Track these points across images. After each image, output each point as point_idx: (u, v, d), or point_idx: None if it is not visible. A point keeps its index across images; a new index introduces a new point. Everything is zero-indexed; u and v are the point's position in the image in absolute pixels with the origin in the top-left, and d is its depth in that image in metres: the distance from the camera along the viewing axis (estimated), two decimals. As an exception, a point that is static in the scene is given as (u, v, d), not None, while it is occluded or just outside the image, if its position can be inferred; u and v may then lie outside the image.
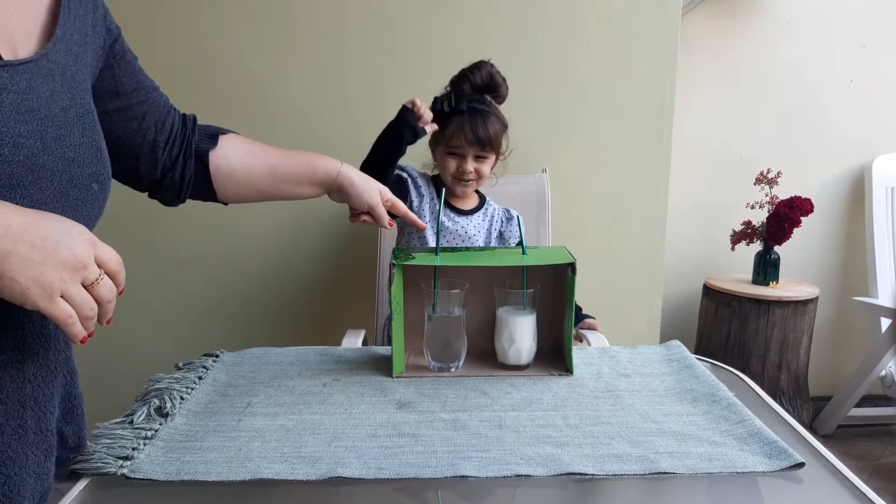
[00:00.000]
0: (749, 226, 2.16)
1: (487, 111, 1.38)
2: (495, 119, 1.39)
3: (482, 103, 1.38)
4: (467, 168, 1.40)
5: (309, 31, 1.76)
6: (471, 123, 1.36)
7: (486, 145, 1.37)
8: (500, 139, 1.41)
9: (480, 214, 1.51)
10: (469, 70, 1.37)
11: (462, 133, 1.36)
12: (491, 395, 0.93)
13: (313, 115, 1.80)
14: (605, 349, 1.14)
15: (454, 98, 1.35)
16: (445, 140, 1.39)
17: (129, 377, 1.74)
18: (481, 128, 1.36)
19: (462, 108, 1.34)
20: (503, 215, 1.54)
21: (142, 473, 0.72)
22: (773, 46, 2.26)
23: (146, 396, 0.90)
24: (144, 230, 1.85)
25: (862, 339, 2.37)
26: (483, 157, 1.41)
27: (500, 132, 1.40)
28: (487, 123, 1.37)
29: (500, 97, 1.40)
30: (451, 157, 1.41)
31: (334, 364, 1.05)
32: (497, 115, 1.40)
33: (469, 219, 1.49)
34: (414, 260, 1.00)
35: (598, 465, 0.73)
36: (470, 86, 1.36)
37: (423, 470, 0.72)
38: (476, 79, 1.35)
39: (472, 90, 1.36)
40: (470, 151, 1.39)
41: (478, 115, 1.36)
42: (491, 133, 1.37)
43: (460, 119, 1.36)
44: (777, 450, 0.75)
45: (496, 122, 1.39)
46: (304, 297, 1.91)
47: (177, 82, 1.78)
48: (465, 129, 1.36)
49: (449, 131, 1.38)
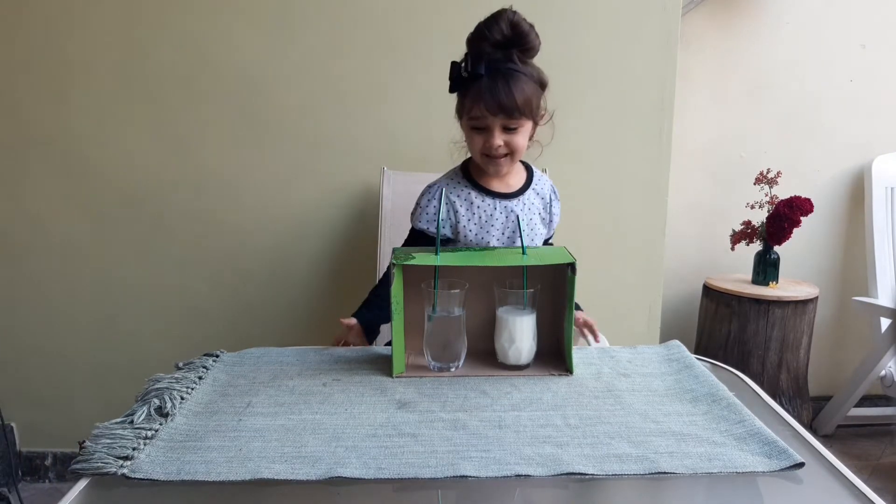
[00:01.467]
0: (749, 226, 2.16)
1: (513, 70, 1.14)
2: (524, 78, 1.15)
3: (508, 61, 1.14)
4: (494, 142, 1.17)
5: (308, 31, 1.76)
6: (491, 88, 1.12)
7: (512, 112, 1.14)
8: (533, 101, 1.17)
9: (532, 192, 1.30)
10: (486, 24, 1.14)
11: (481, 100, 1.13)
12: (491, 395, 0.93)
13: (313, 115, 1.80)
14: (605, 349, 1.14)
15: (471, 61, 1.13)
16: (466, 111, 1.18)
17: (128, 377, 1.75)
18: (504, 92, 1.12)
19: (480, 72, 1.12)
20: (551, 192, 1.35)
21: (142, 473, 0.72)
22: (773, 46, 2.26)
23: (146, 396, 0.90)
24: (145, 230, 1.85)
25: (861, 338, 2.37)
26: (514, 127, 1.17)
27: (531, 93, 1.15)
28: (512, 85, 1.12)
29: (530, 50, 1.16)
30: (475, 131, 1.19)
31: (334, 364, 1.05)
32: (526, 74, 1.16)
33: (518, 200, 1.28)
34: (414, 260, 1.00)
35: (598, 465, 0.73)
36: (489, 43, 1.13)
37: (423, 470, 0.72)
38: (495, 34, 1.12)
39: (494, 48, 1.13)
40: (495, 122, 1.16)
41: (499, 77, 1.13)
42: (517, 96, 1.13)
43: (479, 84, 1.13)
44: (777, 450, 0.75)
45: (525, 82, 1.15)
46: (304, 297, 1.91)
47: (176, 83, 1.79)
48: (484, 96, 1.13)
49: (468, 101, 1.16)
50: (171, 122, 1.80)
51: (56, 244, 1.87)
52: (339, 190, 1.84)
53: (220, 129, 1.81)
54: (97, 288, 1.89)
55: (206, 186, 1.84)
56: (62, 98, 1.79)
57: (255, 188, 1.84)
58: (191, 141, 1.81)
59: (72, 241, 1.87)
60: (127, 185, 1.84)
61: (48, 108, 1.80)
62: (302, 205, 1.85)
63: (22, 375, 1.96)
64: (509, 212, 1.26)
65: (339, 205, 1.85)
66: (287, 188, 1.84)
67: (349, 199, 1.85)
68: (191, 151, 1.82)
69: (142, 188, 1.84)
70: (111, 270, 1.88)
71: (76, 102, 1.79)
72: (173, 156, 1.82)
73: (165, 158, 1.82)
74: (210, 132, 1.81)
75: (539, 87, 1.19)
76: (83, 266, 1.88)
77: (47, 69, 1.77)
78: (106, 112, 1.80)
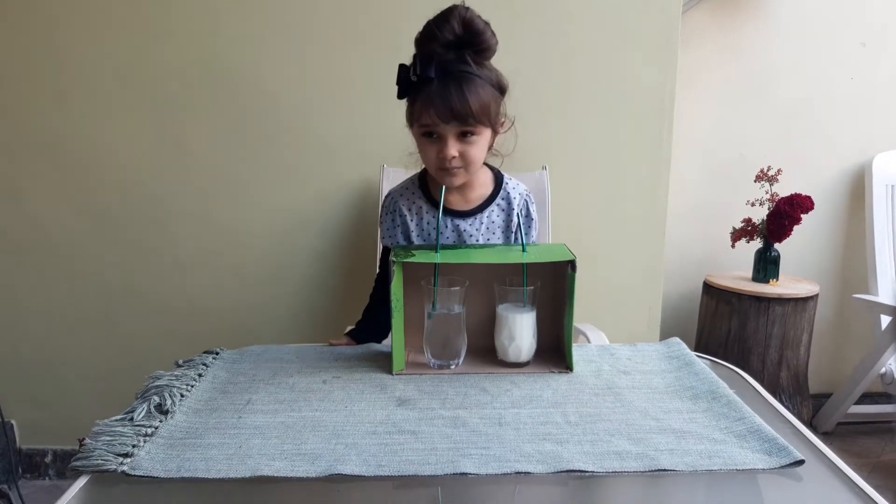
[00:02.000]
0: (749, 223, 2.16)
1: (467, 72, 1.02)
2: (479, 82, 1.03)
3: (461, 62, 1.03)
4: (448, 152, 1.05)
5: (308, 30, 1.76)
6: (442, 93, 1.00)
7: (467, 119, 1.02)
8: (490, 107, 1.05)
9: (495, 208, 1.18)
10: (435, 23, 1.02)
11: (431, 106, 1.02)
12: (491, 392, 0.93)
13: (313, 113, 1.80)
14: (605, 346, 1.14)
15: (420, 63, 1.01)
16: (416, 118, 1.06)
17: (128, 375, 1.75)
18: (457, 96, 1.00)
19: (430, 75, 1.01)
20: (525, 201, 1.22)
21: (142, 470, 0.72)
22: (773, 45, 2.26)
23: (146, 393, 0.90)
24: (145, 230, 1.85)
25: (862, 336, 2.37)
26: (469, 134, 1.05)
27: (487, 98, 1.04)
28: (466, 89, 1.01)
29: (486, 50, 1.05)
30: (427, 140, 1.08)
31: (334, 361, 1.05)
32: (482, 77, 1.04)
33: (475, 219, 1.17)
34: (414, 257, 1.00)
35: (598, 463, 0.73)
36: (440, 44, 1.01)
37: (423, 467, 0.72)
38: (446, 33, 1.00)
39: (445, 48, 1.02)
40: (448, 130, 1.04)
41: (451, 81, 1.01)
42: (472, 101, 1.01)
43: (429, 88, 1.02)
44: (777, 447, 0.75)
45: (480, 86, 1.03)
46: (304, 294, 1.91)
47: (176, 83, 1.79)
48: (434, 101, 1.01)
49: (418, 107, 1.04)
50: (172, 123, 1.80)
51: (56, 244, 1.87)
52: (339, 188, 1.84)
53: (220, 129, 1.80)
54: (97, 288, 1.89)
55: (206, 186, 1.84)
56: (63, 98, 1.79)
57: (255, 187, 1.84)
58: (191, 141, 1.81)
59: (72, 241, 1.87)
60: (127, 185, 1.84)
61: (48, 109, 1.79)
62: (302, 203, 1.85)
63: (22, 373, 1.96)
64: (461, 231, 1.17)
65: (340, 203, 1.85)
66: (287, 187, 1.84)
67: (349, 198, 1.85)
68: (191, 151, 1.82)
69: (142, 188, 1.84)
70: (111, 270, 1.88)
71: (76, 103, 1.79)
72: (173, 156, 1.82)
73: (165, 158, 1.82)
74: (210, 132, 1.81)
75: (497, 91, 1.08)
76: (83, 266, 1.88)
77: (48, 70, 1.77)
78: (106, 112, 1.80)
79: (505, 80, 1.10)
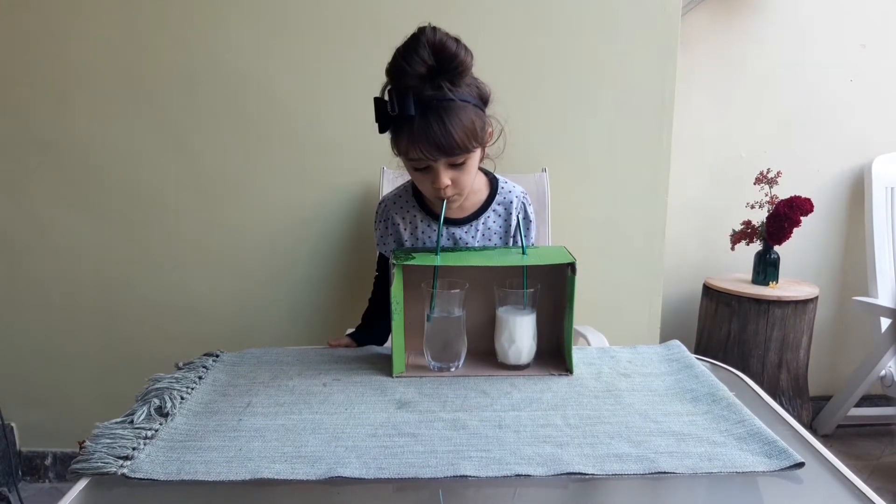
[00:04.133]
0: (749, 225, 2.16)
1: (446, 102, 0.99)
2: (460, 107, 1.00)
3: (438, 91, 0.99)
4: (441, 182, 1.05)
5: (308, 31, 1.76)
6: (425, 131, 0.99)
7: (452, 151, 1.01)
8: (476, 128, 1.03)
9: (492, 213, 1.19)
10: (403, 56, 0.98)
11: (416, 144, 1.00)
12: (491, 394, 0.93)
13: (313, 115, 1.80)
14: (605, 349, 1.14)
15: (396, 101, 0.99)
16: (403, 153, 1.05)
17: (128, 377, 1.76)
18: (440, 133, 0.99)
19: (410, 113, 0.98)
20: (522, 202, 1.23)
21: (142, 473, 0.72)
22: (773, 46, 2.26)
23: (146, 396, 0.90)
24: (145, 230, 1.86)
25: (862, 338, 2.37)
26: (460, 163, 1.05)
27: (471, 123, 1.01)
28: (448, 122, 0.99)
29: (462, 72, 1.01)
30: (418, 173, 1.08)
31: (334, 364, 1.05)
32: (462, 100, 1.00)
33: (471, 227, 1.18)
34: (414, 260, 1.00)
35: (598, 465, 0.73)
36: (413, 77, 0.98)
37: (423, 470, 0.72)
38: (416, 67, 0.97)
39: (420, 81, 0.98)
40: (439, 162, 1.03)
41: (432, 115, 0.99)
42: (455, 134, 0.99)
43: (410, 126, 1.00)
44: (777, 449, 0.75)
45: (462, 112, 1.00)
46: (304, 296, 1.91)
47: (177, 83, 1.79)
48: (418, 140, 1.00)
49: (403, 143, 1.03)
50: (172, 123, 1.80)
51: (56, 244, 1.88)
52: (339, 190, 1.84)
53: (220, 130, 1.81)
54: (97, 288, 1.89)
55: (206, 186, 1.84)
56: (63, 98, 1.79)
57: (255, 188, 1.84)
58: (191, 141, 1.81)
59: (72, 241, 1.87)
60: (127, 185, 1.84)
61: (49, 109, 1.80)
62: (302, 205, 1.85)
63: (22, 375, 1.96)
64: (457, 239, 1.18)
65: (340, 204, 1.85)
66: (287, 188, 1.84)
67: (349, 199, 1.85)
68: (191, 151, 1.82)
69: (142, 188, 1.84)
70: (111, 270, 1.88)
71: (77, 103, 1.79)
72: (174, 156, 1.82)
73: (166, 159, 1.82)
74: (210, 132, 1.81)
75: (480, 107, 1.05)
76: (83, 266, 1.88)
77: (48, 70, 1.77)
78: (107, 112, 1.80)
79: (486, 88, 1.07)
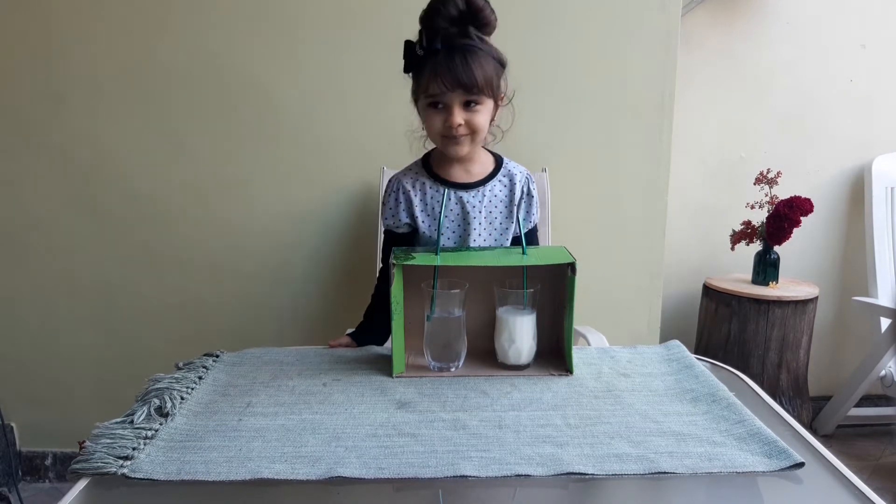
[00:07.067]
0: (749, 226, 2.16)
1: (470, 45, 1.08)
2: (482, 54, 1.09)
3: (465, 37, 1.09)
4: (455, 120, 1.10)
5: (308, 31, 1.76)
6: (448, 64, 1.07)
7: (472, 88, 1.08)
8: (493, 79, 1.11)
9: (497, 183, 1.23)
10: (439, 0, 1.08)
11: (438, 76, 1.07)
12: (491, 394, 0.93)
13: (313, 115, 1.80)
14: (605, 349, 1.14)
15: (426, 37, 1.08)
16: (423, 89, 1.12)
17: (128, 377, 1.75)
18: (462, 67, 1.06)
19: (436, 47, 1.07)
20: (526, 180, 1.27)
21: (142, 473, 0.72)
22: (773, 46, 2.26)
23: (146, 396, 0.90)
24: (145, 230, 1.86)
25: (861, 338, 2.37)
26: (474, 104, 1.11)
27: (490, 70, 1.10)
28: (471, 61, 1.07)
29: (486, 26, 1.11)
30: (433, 110, 1.13)
31: (334, 364, 1.05)
32: (484, 50, 1.10)
33: (477, 192, 1.21)
34: (414, 260, 1.00)
35: (598, 465, 0.73)
36: (444, 19, 1.07)
37: (423, 470, 0.72)
38: (450, 9, 1.07)
39: (449, 24, 1.08)
40: (454, 99, 1.10)
41: (457, 53, 1.07)
42: (476, 72, 1.07)
43: (436, 60, 1.08)
44: (777, 450, 0.75)
45: (483, 58, 1.09)
46: (304, 296, 1.91)
47: (177, 83, 1.79)
48: (441, 72, 1.07)
49: (424, 79, 1.10)
50: (172, 123, 1.80)
51: (56, 244, 1.88)
52: (339, 190, 1.84)
53: (220, 130, 1.81)
54: (97, 288, 1.89)
55: (206, 186, 1.84)
56: (63, 99, 1.79)
57: (255, 188, 1.84)
58: (191, 141, 1.81)
59: (72, 241, 1.87)
60: (127, 185, 1.84)
61: (49, 109, 1.80)
62: (302, 205, 1.85)
63: (22, 375, 1.96)
64: (464, 203, 1.21)
65: (339, 204, 1.85)
66: (287, 188, 1.84)
67: (349, 199, 1.85)
68: (191, 152, 1.82)
69: (142, 188, 1.84)
70: (111, 270, 1.88)
71: (77, 103, 1.79)
72: (173, 156, 1.82)
73: (165, 159, 1.82)
74: (210, 132, 1.81)
75: (499, 64, 1.13)
76: (83, 266, 1.88)
77: (48, 70, 1.77)
78: (106, 113, 1.80)
79: (504, 56, 1.15)
